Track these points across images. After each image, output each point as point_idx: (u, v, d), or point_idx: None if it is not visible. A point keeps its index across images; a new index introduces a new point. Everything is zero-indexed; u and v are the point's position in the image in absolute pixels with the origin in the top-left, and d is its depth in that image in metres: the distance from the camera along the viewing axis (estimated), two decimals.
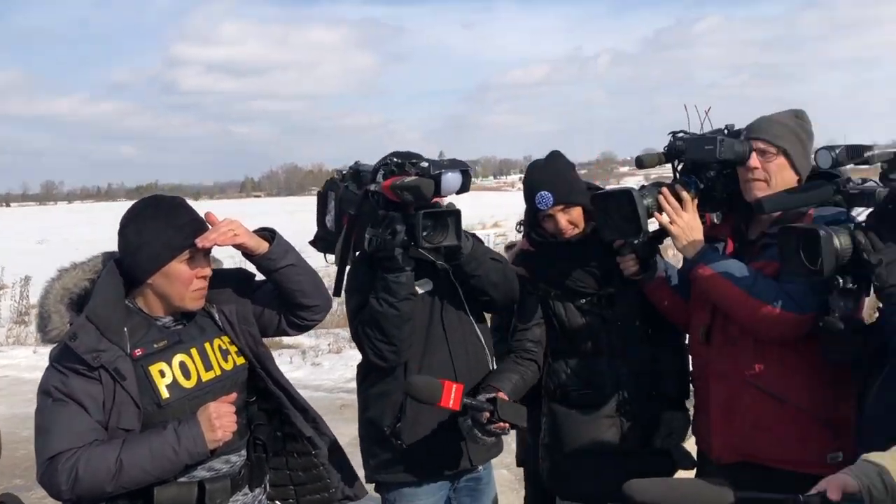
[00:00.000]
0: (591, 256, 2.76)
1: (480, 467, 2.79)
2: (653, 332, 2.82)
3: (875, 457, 1.68)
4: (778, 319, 2.33)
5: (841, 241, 2.05)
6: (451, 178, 2.48)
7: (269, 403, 2.42)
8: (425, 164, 2.48)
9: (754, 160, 2.40)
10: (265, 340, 2.41)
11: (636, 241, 2.60)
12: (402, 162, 2.54)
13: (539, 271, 2.83)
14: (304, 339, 9.55)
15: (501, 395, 2.57)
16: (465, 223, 2.60)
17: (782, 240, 2.19)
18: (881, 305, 2.18)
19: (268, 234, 2.31)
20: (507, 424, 2.51)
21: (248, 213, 32.45)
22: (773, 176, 2.41)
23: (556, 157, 2.80)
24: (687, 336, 2.81)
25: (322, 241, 2.85)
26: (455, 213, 2.53)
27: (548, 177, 2.72)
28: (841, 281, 2.11)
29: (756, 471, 2.43)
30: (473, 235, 2.72)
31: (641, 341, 2.80)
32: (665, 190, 2.53)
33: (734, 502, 1.54)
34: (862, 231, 2.06)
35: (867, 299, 2.28)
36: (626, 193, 2.52)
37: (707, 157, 2.43)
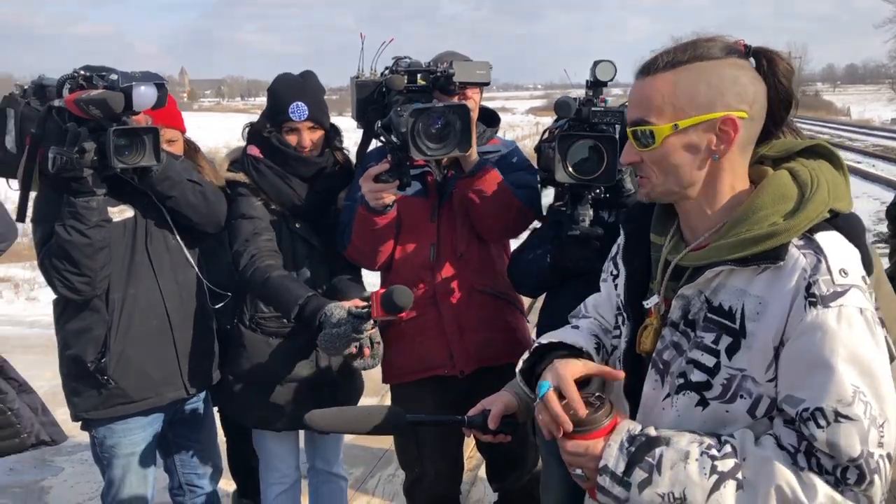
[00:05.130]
0: (322, 181, 2.73)
1: (198, 395, 2.76)
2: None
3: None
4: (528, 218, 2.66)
5: None
6: (144, 92, 2.33)
7: None
8: (114, 77, 2.34)
9: None
10: None
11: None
12: (89, 75, 2.39)
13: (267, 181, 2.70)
14: (18, 272, 9.13)
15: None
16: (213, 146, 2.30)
17: (563, 145, 2.28)
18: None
19: None
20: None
21: None
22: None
23: (312, 75, 2.77)
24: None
25: (2, 165, 2.58)
26: (152, 131, 2.39)
27: (306, 91, 2.68)
28: (599, 191, 2.33)
29: (493, 374, 2.43)
30: (172, 155, 2.62)
31: (343, 270, 2.78)
32: None
33: (406, 421, 1.67)
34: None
35: None
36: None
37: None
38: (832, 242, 1.30)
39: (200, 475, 2.87)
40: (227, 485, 3.57)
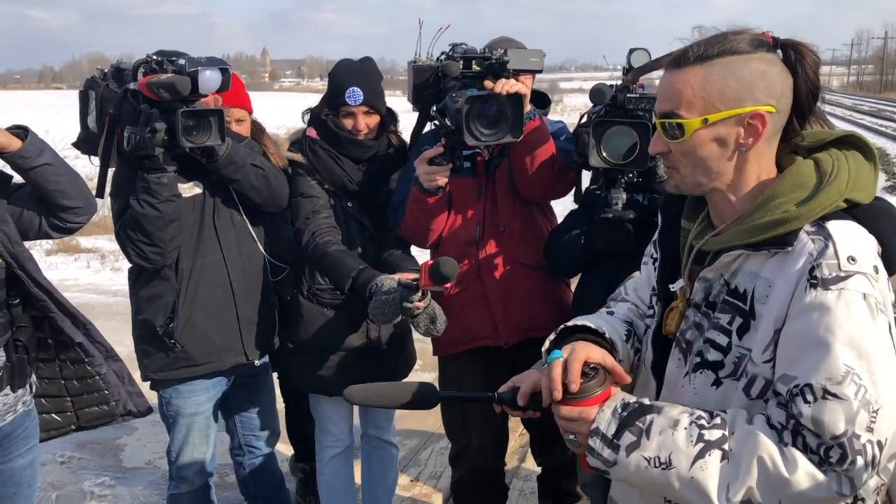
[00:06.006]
0: (376, 163, 2.82)
1: (257, 361, 2.88)
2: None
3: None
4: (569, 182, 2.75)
5: None
6: (209, 76, 2.47)
7: (36, 310, 2.38)
8: (182, 62, 2.47)
9: None
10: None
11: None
12: (161, 60, 2.53)
13: (321, 162, 2.82)
14: (104, 244, 9.43)
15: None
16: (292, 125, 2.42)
17: (597, 130, 2.36)
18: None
19: (21, 132, 2.29)
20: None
21: (46, 106, 30.71)
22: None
23: (370, 61, 2.85)
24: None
25: (85, 143, 2.76)
26: (217, 113, 2.53)
27: (362, 76, 2.75)
28: (632, 175, 2.43)
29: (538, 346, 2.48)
30: (238, 137, 2.80)
31: (392, 248, 2.87)
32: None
33: (438, 397, 1.67)
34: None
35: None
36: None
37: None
38: (844, 230, 1.32)
39: (259, 437, 3.05)
40: (285, 449, 3.76)
